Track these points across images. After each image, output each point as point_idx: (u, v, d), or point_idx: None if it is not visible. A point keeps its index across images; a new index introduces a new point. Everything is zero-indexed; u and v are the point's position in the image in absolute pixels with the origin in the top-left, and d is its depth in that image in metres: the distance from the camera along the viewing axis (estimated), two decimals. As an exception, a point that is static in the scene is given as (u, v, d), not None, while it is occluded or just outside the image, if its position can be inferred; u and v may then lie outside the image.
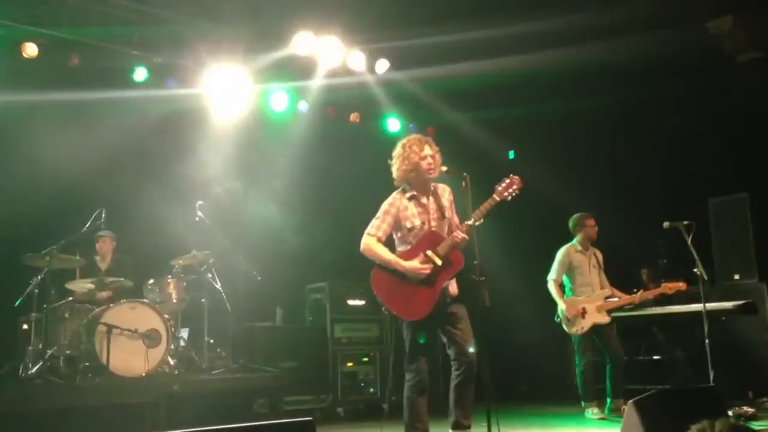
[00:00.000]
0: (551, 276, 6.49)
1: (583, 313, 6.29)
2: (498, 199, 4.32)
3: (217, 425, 3.02)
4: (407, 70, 8.38)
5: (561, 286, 6.48)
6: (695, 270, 5.74)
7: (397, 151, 4.46)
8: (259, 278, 6.87)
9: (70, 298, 6.10)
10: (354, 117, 8.76)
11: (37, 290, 5.90)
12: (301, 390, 7.01)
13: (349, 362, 7.51)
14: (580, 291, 6.40)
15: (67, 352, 5.77)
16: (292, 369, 7.03)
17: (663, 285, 6.20)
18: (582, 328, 6.27)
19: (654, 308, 6.71)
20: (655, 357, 7.11)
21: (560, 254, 6.54)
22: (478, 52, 7.55)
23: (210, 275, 6.72)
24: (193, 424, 3.11)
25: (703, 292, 5.67)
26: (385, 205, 4.44)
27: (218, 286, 6.69)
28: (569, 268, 6.47)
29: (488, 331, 4.34)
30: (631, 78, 7.80)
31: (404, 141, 4.48)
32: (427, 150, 4.37)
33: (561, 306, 6.36)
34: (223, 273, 6.84)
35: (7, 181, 6.76)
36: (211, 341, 6.64)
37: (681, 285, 6.09)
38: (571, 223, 6.65)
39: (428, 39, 7.39)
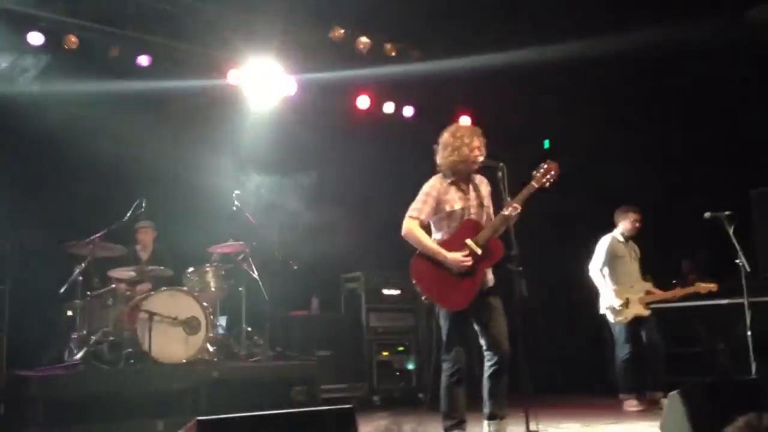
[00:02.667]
0: (595, 265, 6.40)
1: (627, 303, 6.23)
2: (537, 186, 4.21)
3: (255, 412, 3.07)
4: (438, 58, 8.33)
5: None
6: (737, 261, 5.66)
7: (447, 139, 4.33)
8: (295, 267, 6.92)
9: (113, 286, 6.22)
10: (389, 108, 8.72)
11: (81, 278, 6.02)
12: (337, 378, 7.08)
13: (384, 351, 7.55)
14: (621, 281, 6.32)
15: (111, 338, 5.89)
16: (328, 357, 7.10)
17: (696, 284, 6.20)
18: (626, 318, 6.22)
19: (694, 301, 6.60)
20: (694, 349, 6.99)
21: (603, 244, 6.44)
22: (513, 36, 7.47)
23: (246, 264, 6.79)
24: (233, 411, 3.17)
25: (746, 283, 5.58)
26: (426, 188, 4.35)
27: (255, 275, 6.75)
28: (611, 258, 6.38)
29: (525, 321, 4.31)
30: (670, 67, 7.65)
31: (454, 130, 4.35)
32: (477, 142, 4.28)
33: (609, 295, 6.29)
34: (260, 262, 6.91)
35: (51, 172, 6.94)
36: (249, 329, 6.72)
37: (712, 286, 6.11)
38: (617, 213, 6.52)
39: (458, 24, 7.32)
